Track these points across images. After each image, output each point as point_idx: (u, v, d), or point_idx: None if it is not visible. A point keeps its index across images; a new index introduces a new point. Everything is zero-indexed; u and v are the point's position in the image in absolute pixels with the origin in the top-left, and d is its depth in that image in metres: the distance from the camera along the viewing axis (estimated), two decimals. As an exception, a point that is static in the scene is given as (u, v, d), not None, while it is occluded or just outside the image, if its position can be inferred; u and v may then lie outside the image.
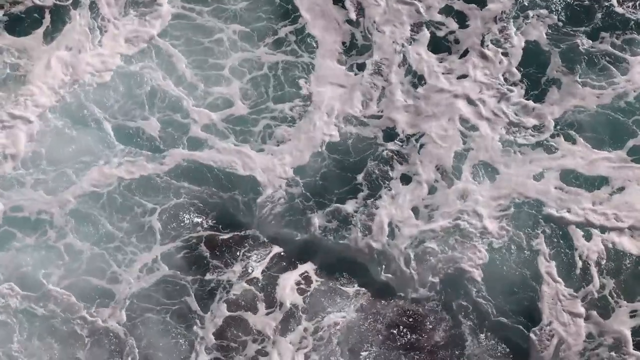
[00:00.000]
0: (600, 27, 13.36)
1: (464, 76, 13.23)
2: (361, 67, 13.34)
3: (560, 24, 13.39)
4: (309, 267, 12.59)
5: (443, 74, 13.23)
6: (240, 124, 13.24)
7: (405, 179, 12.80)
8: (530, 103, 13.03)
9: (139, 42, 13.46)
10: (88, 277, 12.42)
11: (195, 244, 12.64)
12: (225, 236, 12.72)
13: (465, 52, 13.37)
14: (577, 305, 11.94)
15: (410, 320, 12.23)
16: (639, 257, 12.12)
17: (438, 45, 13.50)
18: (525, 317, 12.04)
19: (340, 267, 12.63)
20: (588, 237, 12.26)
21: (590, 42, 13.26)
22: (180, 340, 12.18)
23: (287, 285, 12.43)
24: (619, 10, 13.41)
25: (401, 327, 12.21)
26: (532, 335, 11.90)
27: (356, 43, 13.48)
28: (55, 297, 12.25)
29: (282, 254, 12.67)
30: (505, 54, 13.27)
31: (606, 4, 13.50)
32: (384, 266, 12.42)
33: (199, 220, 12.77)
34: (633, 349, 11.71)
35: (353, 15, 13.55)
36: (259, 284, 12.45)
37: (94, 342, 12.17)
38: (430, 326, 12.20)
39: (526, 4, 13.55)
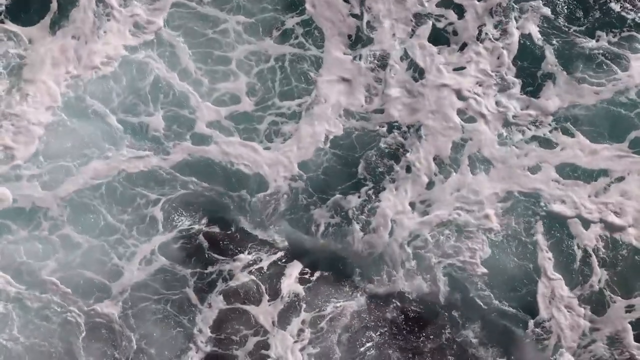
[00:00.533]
0: (599, 23, 13.33)
1: (463, 69, 13.18)
2: (365, 60, 13.24)
3: (558, 18, 13.35)
4: (310, 262, 12.64)
5: (442, 67, 13.20)
6: (246, 119, 13.13)
7: (406, 174, 12.82)
8: (529, 97, 13.03)
9: (144, 34, 13.22)
10: (87, 268, 12.37)
11: (197, 238, 12.62)
12: (228, 231, 12.70)
13: (464, 46, 13.30)
14: (574, 300, 12.14)
15: (409, 313, 12.36)
16: (637, 249, 12.28)
17: (438, 38, 13.41)
18: (524, 311, 12.22)
19: (341, 262, 12.68)
20: (587, 229, 12.39)
21: (589, 37, 13.23)
22: (180, 331, 12.25)
23: (288, 279, 12.51)
24: (616, 7, 13.45)
25: (400, 320, 12.33)
26: (530, 329, 12.10)
27: (360, 36, 13.36)
28: (52, 288, 12.20)
29: (284, 249, 12.70)
30: (502, 48, 13.20)
31: (604, -1, 13.61)
32: (384, 261, 12.50)
33: (202, 214, 12.74)
34: (633, 342, 11.98)
35: (357, 8, 13.47)
36: (260, 278, 12.47)
37: (91, 334, 12.17)
38: (429, 319, 12.35)
39: (522, -4, 13.58)
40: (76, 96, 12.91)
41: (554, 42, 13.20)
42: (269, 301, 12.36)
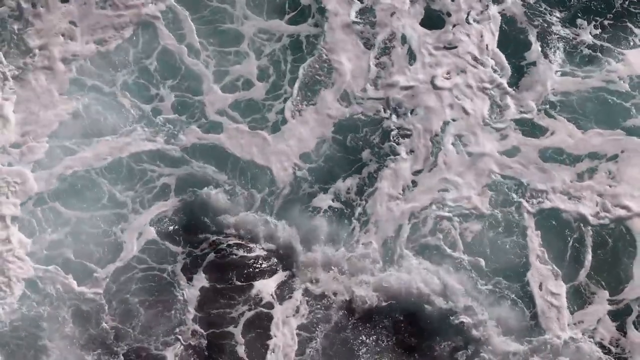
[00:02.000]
0: (589, 11, 13.53)
1: (453, 48, 13.34)
2: (367, 45, 13.37)
3: (545, 4, 13.55)
4: (309, 253, 12.63)
5: (434, 52, 13.30)
6: (254, 105, 13.20)
7: (399, 159, 12.91)
8: (515, 81, 13.20)
9: (153, 4, 13.26)
10: (85, 242, 12.42)
11: (195, 221, 12.67)
12: (228, 217, 12.66)
13: (453, 27, 13.40)
14: (561, 290, 12.25)
15: (402, 303, 12.38)
16: (624, 237, 12.49)
17: (430, 22, 13.52)
18: (511, 301, 12.28)
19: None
20: (574, 216, 12.53)
21: (579, 25, 13.45)
22: (172, 302, 12.32)
23: (288, 264, 12.63)
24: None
25: (393, 309, 12.39)
26: (518, 321, 12.22)
27: (362, 21, 13.46)
28: (45, 262, 12.23)
29: (285, 237, 12.64)
30: (490, 33, 13.36)
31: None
32: (381, 251, 12.60)
33: (206, 200, 12.74)
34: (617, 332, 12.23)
35: (360, -10, 13.59)
36: (259, 262, 12.58)
37: (84, 309, 12.19)
38: (417, 306, 12.35)
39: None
40: (82, 75, 12.90)
41: (544, 28, 13.36)
42: (267, 280, 12.48)
